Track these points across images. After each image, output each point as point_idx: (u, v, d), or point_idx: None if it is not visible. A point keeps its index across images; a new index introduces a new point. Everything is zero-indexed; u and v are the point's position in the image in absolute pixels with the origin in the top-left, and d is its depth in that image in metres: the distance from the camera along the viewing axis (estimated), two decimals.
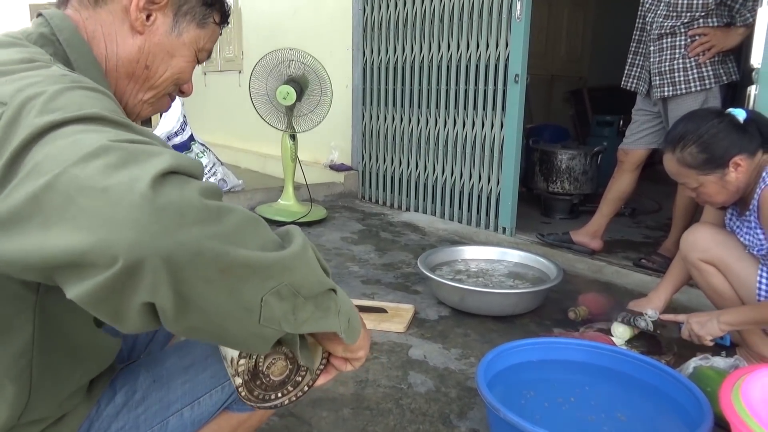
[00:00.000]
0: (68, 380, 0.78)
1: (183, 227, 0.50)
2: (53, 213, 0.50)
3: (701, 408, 1.31)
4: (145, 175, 0.50)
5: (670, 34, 2.47)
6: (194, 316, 0.53)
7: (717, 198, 1.61)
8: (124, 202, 0.49)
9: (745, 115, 1.55)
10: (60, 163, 0.51)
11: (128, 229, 0.48)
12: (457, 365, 1.80)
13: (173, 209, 0.50)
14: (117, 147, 0.52)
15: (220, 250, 0.51)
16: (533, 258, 2.47)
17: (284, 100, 3.36)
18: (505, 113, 3.22)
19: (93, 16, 0.77)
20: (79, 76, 0.66)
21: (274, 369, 0.76)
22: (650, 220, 3.76)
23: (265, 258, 0.54)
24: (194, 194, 0.52)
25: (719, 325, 1.57)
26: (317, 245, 3.06)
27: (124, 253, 0.48)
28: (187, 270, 0.50)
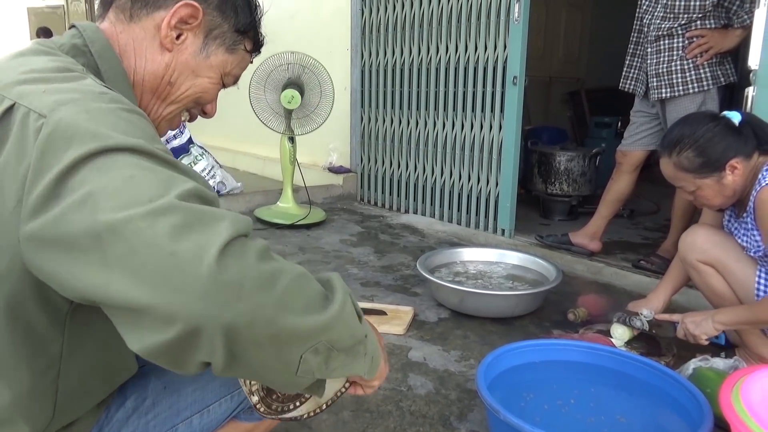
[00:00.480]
0: (93, 397, 0.78)
1: (242, 299, 0.54)
2: (115, 257, 0.53)
3: (701, 409, 1.31)
4: (210, 245, 0.53)
5: (667, 35, 2.47)
6: (241, 369, 0.58)
7: (714, 201, 1.61)
8: (191, 271, 0.52)
9: (741, 117, 1.56)
10: (122, 207, 0.54)
11: (193, 298, 0.52)
12: (456, 367, 1.80)
13: (235, 283, 0.54)
14: (183, 208, 0.55)
15: (272, 319, 0.56)
16: (532, 260, 2.47)
17: (289, 104, 3.36)
18: (503, 115, 3.22)
19: (126, 30, 0.79)
20: (117, 95, 0.67)
21: None
22: (649, 222, 3.76)
23: (309, 323, 0.58)
24: (253, 264, 0.56)
25: (714, 325, 1.58)
26: (316, 248, 3.06)
27: (186, 319, 0.52)
28: (241, 337, 0.55)
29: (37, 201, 0.56)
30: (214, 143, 5.78)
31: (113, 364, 0.80)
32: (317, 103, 3.49)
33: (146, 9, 0.78)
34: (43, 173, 0.56)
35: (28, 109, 0.61)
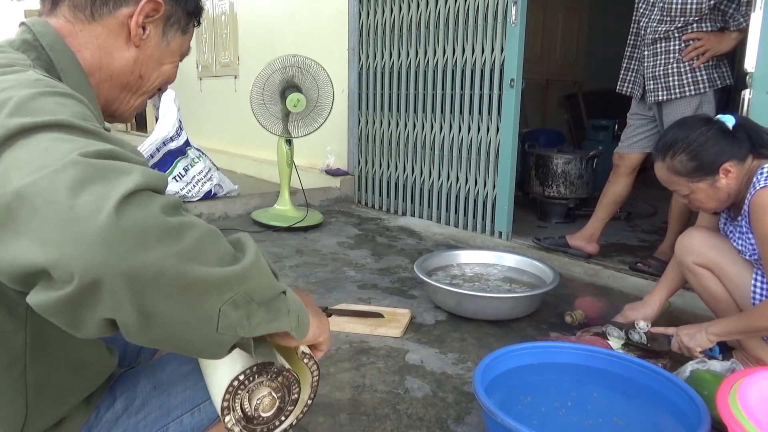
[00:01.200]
0: (69, 394, 0.78)
1: (145, 248, 0.52)
2: (22, 223, 0.51)
3: (698, 411, 1.30)
4: (112, 195, 0.52)
5: (664, 38, 2.48)
6: (156, 330, 0.55)
7: (709, 204, 1.61)
8: (90, 222, 0.50)
9: (734, 121, 1.56)
10: (30, 173, 0.52)
11: (92, 250, 0.50)
12: (454, 370, 1.80)
13: (137, 230, 0.52)
14: (86, 163, 0.53)
15: (181, 269, 0.53)
16: (529, 262, 2.47)
17: (295, 108, 3.35)
18: (500, 117, 3.22)
19: (87, 30, 0.78)
20: (53, 81, 0.67)
21: (263, 406, 0.75)
22: (646, 224, 3.77)
23: (223, 273, 0.57)
24: (157, 213, 0.54)
25: (708, 337, 1.58)
26: (313, 250, 3.06)
27: (84, 271, 0.50)
28: (149, 289, 0.52)
29: None
30: (211, 146, 5.78)
31: (84, 359, 0.79)
32: (315, 105, 3.49)
33: (107, 7, 0.78)
34: None
35: None
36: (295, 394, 0.76)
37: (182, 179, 3.66)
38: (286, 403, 0.77)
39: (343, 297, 2.39)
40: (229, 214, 3.85)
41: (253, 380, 0.72)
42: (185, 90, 6.59)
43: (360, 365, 1.80)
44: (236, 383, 0.71)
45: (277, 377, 0.74)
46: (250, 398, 0.74)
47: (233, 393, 0.72)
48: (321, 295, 2.40)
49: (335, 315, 2.13)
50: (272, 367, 0.72)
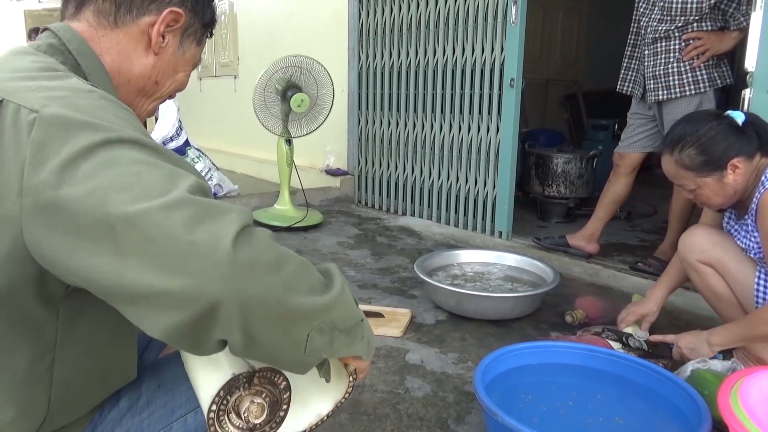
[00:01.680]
0: (88, 399, 0.79)
1: (255, 279, 0.60)
2: (130, 247, 0.58)
3: (699, 411, 1.30)
4: (225, 234, 0.59)
5: (664, 38, 2.48)
6: (256, 349, 0.64)
7: (715, 200, 1.61)
8: (210, 257, 0.58)
9: (744, 117, 1.55)
10: (135, 200, 0.58)
11: (212, 280, 0.58)
12: (454, 369, 1.79)
13: (249, 264, 0.59)
14: (195, 201, 0.60)
15: (281, 298, 0.61)
16: (529, 262, 2.47)
17: (299, 108, 3.36)
18: (500, 117, 3.22)
19: (110, 35, 0.82)
20: (104, 93, 0.70)
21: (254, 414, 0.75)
22: (646, 224, 3.77)
23: (314, 303, 0.65)
24: (263, 249, 0.62)
25: (710, 348, 1.57)
26: (313, 250, 3.06)
27: (206, 297, 0.58)
28: (254, 315, 0.60)
29: (41, 188, 0.59)
30: (211, 146, 5.78)
31: (109, 365, 0.80)
32: (314, 105, 3.49)
33: (131, 15, 0.82)
34: (43, 164, 0.59)
35: (18, 105, 0.64)
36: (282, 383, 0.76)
37: None
38: (279, 397, 0.77)
39: None
40: None
41: (228, 402, 0.72)
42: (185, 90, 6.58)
43: None
44: (212, 415, 0.71)
45: (251, 384, 0.73)
46: (237, 415, 0.74)
47: (216, 423, 0.72)
48: None
49: None
50: (239, 378, 0.72)
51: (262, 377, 0.74)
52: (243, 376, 0.73)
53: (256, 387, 0.75)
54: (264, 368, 0.75)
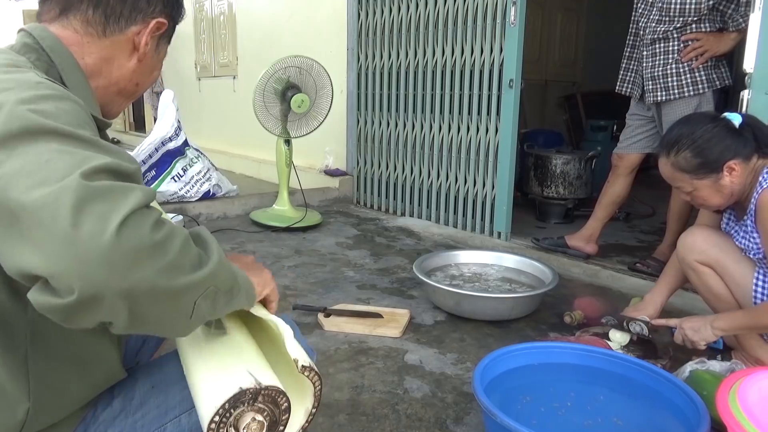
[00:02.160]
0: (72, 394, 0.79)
1: (140, 265, 0.60)
2: (26, 230, 0.58)
3: (698, 411, 1.30)
4: (112, 219, 0.59)
5: (663, 39, 2.48)
6: (140, 326, 0.64)
7: (711, 201, 1.61)
8: (93, 243, 0.57)
9: (741, 119, 1.55)
10: (34, 186, 0.59)
11: (94, 269, 0.57)
12: (453, 370, 1.79)
13: (134, 251, 0.59)
14: (86, 186, 0.59)
15: (168, 281, 0.62)
16: (528, 262, 2.47)
17: (299, 108, 3.36)
18: (499, 118, 3.22)
19: (96, 43, 0.84)
20: (53, 84, 0.72)
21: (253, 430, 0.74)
22: (644, 225, 3.77)
23: (199, 276, 0.66)
24: (148, 232, 0.61)
25: (713, 331, 1.58)
26: (312, 250, 3.06)
27: (86, 287, 0.58)
28: (141, 299, 0.61)
29: None
30: (210, 146, 5.77)
31: (88, 360, 0.80)
32: (313, 105, 3.49)
33: (119, 25, 0.85)
34: None
35: None
36: (284, 404, 0.75)
37: (181, 179, 3.65)
38: (278, 418, 0.76)
39: (341, 297, 2.39)
40: (227, 215, 3.85)
41: (231, 416, 0.71)
42: (184, 90, 6.58)
43: (359, 365, 1.80)
44: (213, 426, 0.70)
45: (255, 401, 0.73)
46: (236, 430, 0.73)
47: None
48: (320, 296, 2.40)
49: (334, 315, 2.13)
50: (246, 393, 0.71)
51: (267, 396, 0.74)
52: (250, 392, 0.72)
53: (260, 405, 0.74)
54: (270, 387, 0.74)
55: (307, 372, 0.80)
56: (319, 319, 2.10)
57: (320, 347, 1.92)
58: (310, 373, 0.81)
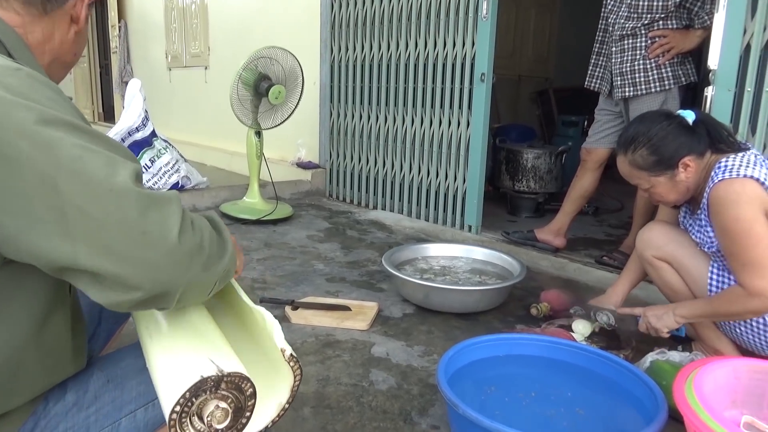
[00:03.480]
0: (26, 383, 0.77)
1: (194, 265, 0.70)
2: (82, 232, 0.63)
3: (656, 401, 1.32)
4: (172, 224, 0.67)
5: (631, 35, 2.51)
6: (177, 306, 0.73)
7: (668, 198, 1.64)
8: (162, 248, 0.66)
9: (694, 116, 1.58)
10: (84, 186, 0.63)
11: (163, 269, 0.67)
12: (419, 362, 1.79)
13: (190, 252, 0.69)
14: (140, 193, 0.66)
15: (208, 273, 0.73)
16: (497, 255, 2.48)
17: (276, 100, 3.31)
18: (471, 112, 3.23)
19: (38, 21, 0.84)
20: (31, 71, 0.72)
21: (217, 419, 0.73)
22: (613, 219, 3.83)
23: (224, 264, 0.77)
24: (193, 235, 0.71)
25: (675, 318, 1.61)
26: (282, 243, 3.03)
27: (156, 286, 0.67)
28: (190, 290, 0.72)
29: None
30: (181, 138, 5.69)
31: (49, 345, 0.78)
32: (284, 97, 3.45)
33: (58, 2, 0.85)
34: None
35: None
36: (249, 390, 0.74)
37: (148, 171, 3.58)
38: (244, 404, 0.75)
39: (310, 290, 2.37)
40: (197, 207, 3.79)
41: (193, 405, 0.70)
42: (154, 80, 6.45)
43: (325, 358, 1.79)
44: (174, 416, 0.69)
45: (218, 388, 0.72)
46: (200, 419, 0.72)
47: (177, 425, 0.70)
48: (288, 289, 2.38)
49: (301, 308, 2.11)
50: (207, 381, 0.70)
51: (230, 382, 0.73)
52: (211, 380, 0.71)
53: (223, 392, 0.73)
54: (232, 373, 0.73)
55: (292, 362, 0.81)
56: (286, 312, 2.08)
57: (287, 340, 1.89)
58: (295, 364, 0.81)
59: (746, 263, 1.44)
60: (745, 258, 1.44)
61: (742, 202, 1.44)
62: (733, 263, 1.48)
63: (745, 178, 1.44)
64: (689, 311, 1.61)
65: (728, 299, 1.51)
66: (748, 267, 1.44)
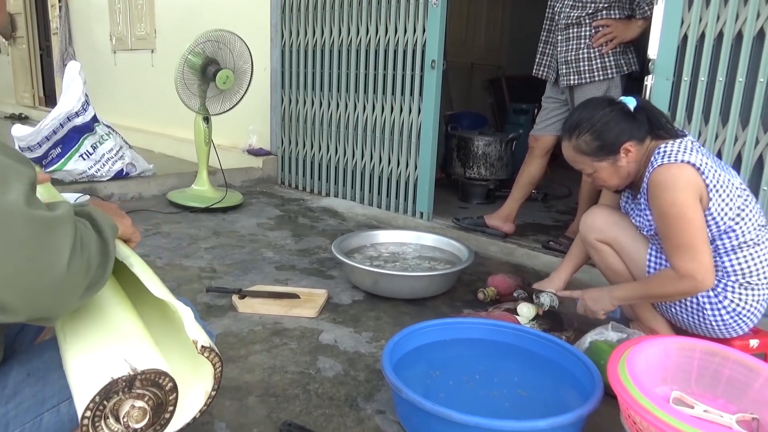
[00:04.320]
0: None
1: (77, 289, 0.69)
2: None
3: (593, 380, 1.37)
4: (62, 252, 0.65)
5: (576, 24, 2.55)
6: None
7: (610, 182, 1.68)
8: (47, 277, 0.64)
9: (635, 103, 1.62)
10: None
11: (47, 298, 0.66)
12: (367, 348, 1.80)
13: (74, 280, 0.68)
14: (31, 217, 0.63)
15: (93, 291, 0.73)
16: (446, 241, 2.50)
17: (224, 85, 3.23)
18: (422, 99, 3.23)
19: None
20: None
21: (135, 419, 0.71)
22: (561, 205, 3.92)
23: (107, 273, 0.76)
24: (82, 258, 0.68)
25: (611, 300, 1.67)
26: (231, 232, 2.98)
27: (36, 312, 0.66)
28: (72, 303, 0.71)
29: None
30: (127, 124, 5.50)
31: None
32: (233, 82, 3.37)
33: None
34: None
35: None
36: (168, 385, 0.72)
37: (90, 157, 3.44)
38: (164, 399, 0.73)
39: (259, 279, 2.34)
40: (143, 195, 3.67)
41: (105, 407, 0.68)
42: (97, 63, 6.21)
43: (272, 347, 1.77)
44: (86, 421, 0.67)
45: (132, 388, 0.70)
46: (116, 420, 0.70)
47: (90, 428, 0.68)
48: (236, 277, 2.34)
49: (249, 297, 2.08)
50: (118, 382, 0.68)
51: (145, 380, 0.71)
52: (122, 380, 0.68)
53: (138, 390, 0.71)
54: (147, 370, 0.70)
55: (206, 353, 0.79)
56: (233, 301, 2.05)
57: (233, 329, 1.87)
58: (210, 353, 0.79)
59: (678, 246, 1.50)
60: (677, 241, 1.50)
61: (678, 188, 1.49)
62: (667, 246, 1.54)
63: (683, 164, 1.50)
64: (624, 293, 1.66)
65: (660, 281, 1.57)
66: (679, 249, 1.50)
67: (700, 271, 1.48)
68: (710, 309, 1.59)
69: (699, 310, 1.60)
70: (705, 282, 1.49)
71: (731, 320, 1.59)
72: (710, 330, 1.62)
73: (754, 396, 1.25)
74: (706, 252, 1.48)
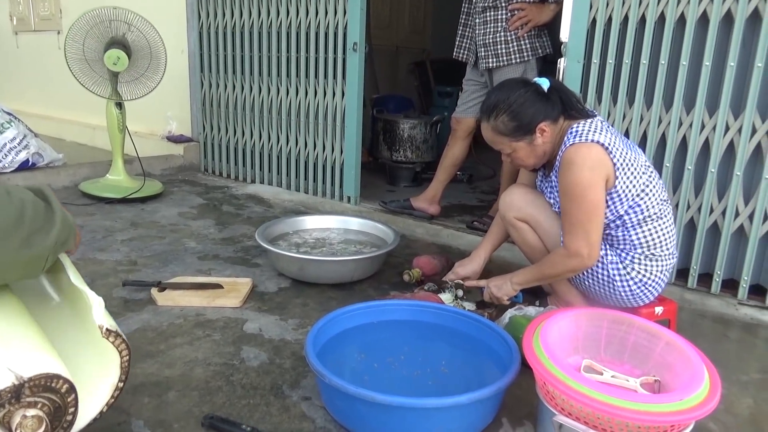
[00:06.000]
0: None
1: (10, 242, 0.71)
2: None
3: (511, 353, 1.42)
4: None
5: (492, 7, 2.60)
6: None
7: (527, 161, 1.73)
8: None
9: (548, 83, 1.68)
10: None
11: None
12: (293, 335, 1.78)
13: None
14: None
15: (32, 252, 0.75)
16: (371, 225, 2.51)
17: (114, 66, 3.05)
18: (345, 82, 3.21)
19: None
20: None
21: (32, 428, 0.66)
22: (485, 185, 4.02)
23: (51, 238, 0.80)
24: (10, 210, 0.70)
25: (512, 286, 1.78)
26: (151, 222, 2.85)
27: None
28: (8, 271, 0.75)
29: None
30: (34, 111, 5.15)
31: None
32: (147, 65, 3.21)
33: None
34: None
35: None
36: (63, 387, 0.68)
37: None
38: (62, 402, 0.69)
39: (180, 270, 2.26)
40: (52, 186, 3.44)
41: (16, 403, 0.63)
42: None
43: (194, 339, 1.72)
44: None
45: (19, 397, 0.65)
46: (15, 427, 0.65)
47: None
48: (156, 270, 2.25)
49: (169, 289, 2.01)
50: (2, 394, 0.64)
51: (35, 386, 0.66)
52: (6, 392, 0.64)
53: (29, 399, 0.66)
54: (36, 376, 0.66)
55: (112, 338, 0.75)
56: (152, 295, 1.97)
57: (152, 324, 1.80)
58: (116, 339, 0.75)
59: (572, 224, 1.58)
60: (572, 219, 1.58)
61: (585, 167, 1.55)
62: (564, 223, 1.62)
63: (593, 143, 1.56)
64: (523, 277, 1.76)
65: (552, 262, 1.67)
66: (573, 228, 1.58)
67: (586, 248, 1.58)
68: (619, 280, 1.68)
69: (609, 282, 1.69)
70: (591, 258, 1.60)
71: (638, 290, 1.69)
72: (620, 300, 1.72)
73: (657, 359, 1.34)
74: (596, 232, 1.59)
